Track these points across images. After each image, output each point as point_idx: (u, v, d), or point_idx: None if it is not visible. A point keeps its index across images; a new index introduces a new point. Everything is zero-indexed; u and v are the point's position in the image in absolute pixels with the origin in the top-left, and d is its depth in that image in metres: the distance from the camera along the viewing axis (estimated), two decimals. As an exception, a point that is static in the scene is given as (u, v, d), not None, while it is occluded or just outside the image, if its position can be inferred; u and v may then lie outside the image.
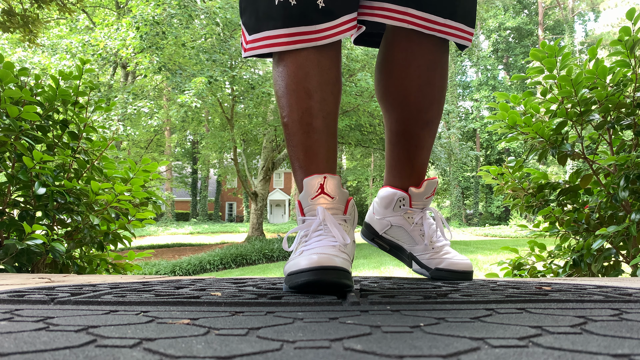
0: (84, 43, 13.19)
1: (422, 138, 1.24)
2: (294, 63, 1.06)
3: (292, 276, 0.84)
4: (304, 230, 0.97)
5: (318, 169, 1.05)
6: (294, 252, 0.96)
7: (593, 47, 1.86)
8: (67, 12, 6.74)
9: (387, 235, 1.32)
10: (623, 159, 1.74)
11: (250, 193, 15.56)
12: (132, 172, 2.07)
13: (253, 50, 1.07)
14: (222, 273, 10.53)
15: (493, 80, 33.39)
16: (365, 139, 16.03)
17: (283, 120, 1.09)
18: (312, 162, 1.06)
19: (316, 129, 1.06)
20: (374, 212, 1.34)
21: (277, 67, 1.09)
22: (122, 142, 16.35)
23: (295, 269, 0.83)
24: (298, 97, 1.06)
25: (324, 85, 1.07)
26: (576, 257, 1.93)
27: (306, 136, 1.06)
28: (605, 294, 0.78)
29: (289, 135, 1.08)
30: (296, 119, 1.06)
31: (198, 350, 0.38)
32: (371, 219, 1.35)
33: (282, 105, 1.08)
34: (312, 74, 1.06)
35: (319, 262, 0.80)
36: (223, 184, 33.06)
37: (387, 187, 1.29)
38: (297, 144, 1.06)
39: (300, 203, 1.01)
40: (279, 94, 1.09)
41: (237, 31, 12.76)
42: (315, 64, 1.06)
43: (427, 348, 0.38)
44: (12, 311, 0.60)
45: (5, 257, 1.63)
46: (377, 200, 1.33)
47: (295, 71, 1.06)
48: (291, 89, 1.06)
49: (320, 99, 1.06)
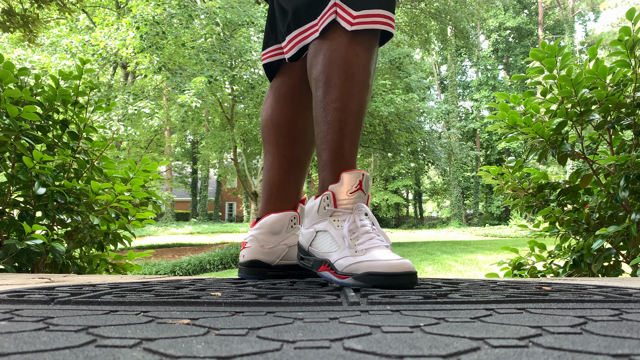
0: (84, 42, 13.19)
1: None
2: (371, 51, 1.08)
3: (374, 277, 0.89)
4: (349, 225, 0.98)
5: (355, 164, 1.08)
6: (341, 247, 0.97)
7: (593, 47, 1.86)
8: (67, 12, 6.74)
9: (285, 261, 1.28)
10: (623, 159, 1.74)
11: (250, 193, 15.56)
12: (132, 172, 2.07)
13: (364, 24, 1.06)
14: (222, 273, 10.53)
15: (493, 80, 33.38)
16: (365, 139, 16.02)
17: (334, 105, 1.06)
18: (353, 156, 1.07)
19: (362, 126, 1.09)
20: (261, 245, 1.27)
21: (361, 56, 1.07)
22: (122, 142, 16.35)
23: (381, 271, 0.89)
24: (361, 89, 1.07)
25: (371, 86, 1.10)
26: (576, 257, 1.93)
27: (357, 130, 1.07)
28: (605, 294, 0.78)
29: (341, 122, 1.05)
30: (353, 110, 1.06)
31: (198, 350, 0.38)
32: (260, 253, 1.27)
33: (345, 91, 1.06)
34: (373, 70, 1.11)
35: (402, 268, 0.89)
36: (223, 184, 33.07)
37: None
38: (348, 134, 1.06)
39: (333, 194, 1.01)
40: (350, 81, 1.06)
41: (237, 31, 12.75)
42: (375, 60, 1.11)
43: (427, 348, 0.38)
44: (12, 311, 0.60)
45: (5, 257, 1.63)
46: (263, 232, 1.28)
47: (368, 61, 1.08)
48: (360, 80, 1.06)
49: (368, 99, 1.10)
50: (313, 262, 1.05)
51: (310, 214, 1.07)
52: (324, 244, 1.02)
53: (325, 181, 1.06)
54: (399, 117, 14.08)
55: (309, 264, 1.07)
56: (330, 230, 1.01)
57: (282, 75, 1.34)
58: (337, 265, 0.97)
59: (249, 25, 12.72)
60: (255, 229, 1.29)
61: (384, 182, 35.23)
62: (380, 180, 34.88)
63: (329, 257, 1.00)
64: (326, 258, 1.00)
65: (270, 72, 1.37)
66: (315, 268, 1.03)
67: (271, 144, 1.32)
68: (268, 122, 1.33)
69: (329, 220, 1.02)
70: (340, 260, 0.96)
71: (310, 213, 1.07)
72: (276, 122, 1.31)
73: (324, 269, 1.01)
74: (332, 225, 1.01)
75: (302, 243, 1.11)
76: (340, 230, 1.00)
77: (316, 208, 1.04)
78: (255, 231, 1.28)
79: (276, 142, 1.32)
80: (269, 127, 1.33)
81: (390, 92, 13.77)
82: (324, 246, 1.02)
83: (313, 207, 1.06)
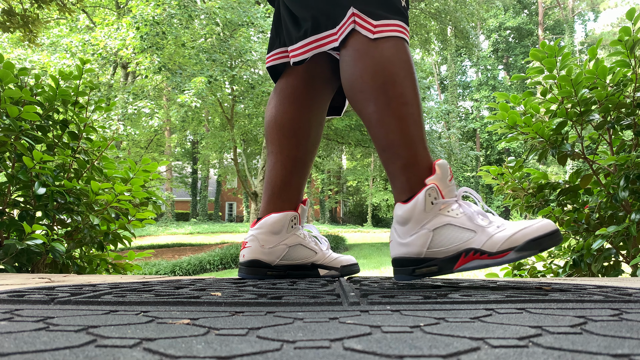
0: (84, 42, 13.20)
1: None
2: (407, 51, 1.12)
3: (538, 240, 0.91)
4: (470, 209, 0.99)
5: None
6: (479, 231, 0.96)
7: (593, 47, 1.86)
8: (67, 12, 6.74)
9: (284, 261, 1.29)
10: (623, 159, 1.74)
11: (250, 193, 15.55)
12: (132, 172, 2.07)
13: (385, 32, 1.10)
14: (222, 273, 10.53)
15: (493, 80, 33.39)
16: (365, 139, 16.04)
17: (405, 100, 1.07)
18: (427, 147, 1.09)
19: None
20: (261, 245, 1.27)
21: (402, 53, 1.10)
22: (122, 142, 16.35)
23: (541, 234, 0.91)
24: (415, 83, 1.10)
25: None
26: (576, 257, 1.93)
27: (423, 121, 1.11)
28: (605, 294, 0.78)
29: (413, 115, 1.07)
30: (418, 103, 1.08)
31: (198, 350, 0.38)
32: (260, 253, 1.28)
33: (407, 85, 1.08)
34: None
35: (552, 226, 0.93)
36: (223, 184, 33.06)
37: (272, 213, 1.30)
38: (421, 126, 1.07)
39: (438, 186, 1.00)
40: (408, 77, 1.09)
41: (237, 31, 12.75)
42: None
43: (427, 348, 0.38)
44: (12, 311, 0.60)
45: (5, 257, 1.63)
46: (264, 232, 1.29)
47: (408, 57, 1.11)
48: (411, 73, 1.09)
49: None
50: (440, 264, 0.97)
51: (413, 217, 1.00)
52: (453, 237, 0.97)
53: (413, 178, 1.02)
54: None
55: (433, 270, 0.98)
56: (451, 221, 0.97)
57: (286, 77, 1.35)
58: (487, 247, 0.93)
59: (249, 25, 12.72)
60: (255, 228, 1.29)
61: (384, 182, 35.23)
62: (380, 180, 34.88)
63: (469, 246, 0.95)
64: (465, 248, 0.95)
65: (275, 74, 1.38)
66: (449, 267, 0.97)
67: (274, 145, 1.33)
68: (272, 123, 1.33)
69: (443, 213, 0.98)
70: (489, 242, 0.93)
71: (413, 216, 1.00)
72: (280, 122, 1.32)
73: (469, 259, 0.95)
74: (450, 216, 0.98)
75: (412, 252, 1.00)
76: (462, 218, 0.97)
77: (421, 207, 0.99)
78: (255, 231, 1.28)
79: (280, 143, 1.32)
80: (272, 128, 1.33)
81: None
82: (454, 238, 0.97)
83: (414, 208, 1.00)
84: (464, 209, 0.98)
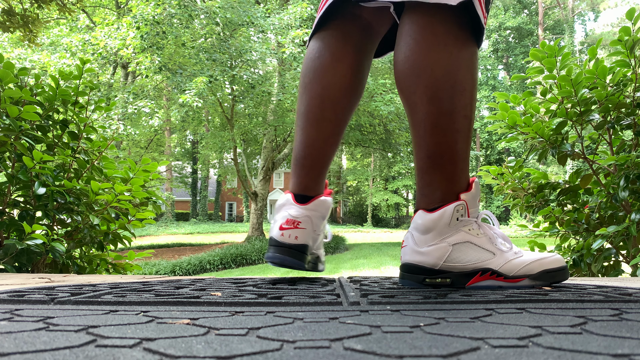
0: (84, 42, 13.19)
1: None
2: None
3: (552, 273, 0.96)
4: (491, 231, 0.99)
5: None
6: (497, 254, 0.96)
7: (593, 47, 1.86)
8: (67, 12, 6.74)
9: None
10: (623, 159, 1.74)
11: (250, 193, 15.56)
12: (132, 172, 2.07)
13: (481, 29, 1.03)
14: (222, 273, 10.53)
15: (493, 80, 33.39)
16: (365, 139, 16.03)
17: (464, 112, 0.98)
18: (469, 164, 1.04)
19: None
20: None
21: (476, 60, 1.02)
22: (122, 142, 16.35)
23: (555, 267, 0.97)
24: (475, 101, 1.04)
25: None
26: (576, 257, 1.93)
27: (470, 140, 1.04)
28: (605, 294, 0.78)
29: (469, 131, 1.00)
30: (473, 120, 1.03)
31: (198, 350, 0.38)
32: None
33: (472, 97, 1.00)
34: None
35: (563, 261, 0.99)
36: (223, 184, 33.07)
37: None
38: (469, 145, 1.01)
39: (467, 204, 0.98)
40: (474, 88, 1.00)
41: (237, 31, 12.76)
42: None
43: (427, 348, 0.38)
44: (12, 311, 0.60)
45: (5, 257, 1.63)
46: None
47: (476, 69, 1.04)
48: (476, 91, 1.02)
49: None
50: (454, 278, 0.97)
51: (436, 228, 0.98)
52: (472, 255, 0.96)
53: (448, 191, 0.98)
54: (399, 116, 14.08)
55: (447, 282, 0.97)
56: (472, 240, 0.97)
57: (351, 24, 1.14)
58: (504, 270, 0.94)
59: (249, 25, 12.72)
60: (309, 209, 1.13)
61: (384, 182, 35.25)
62: (380, 180, 34.90)
63: (487, 266, 0.95)
64: (483, 267, 0.96)
65: (325, 18, 1.15)
66: (462, 282, 0.97)
67: (335, 111, 1.14)
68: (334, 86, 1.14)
69: (465, 231, 0.97)
70: (507, 266, 0.94)
71: (437, 227, 0.97)
72: (342, 84, 1.13)
73: (485, 278, 0.95)
74: (471, 235, 0.97)
75: (428, 262, 0.98)
76: (483, 238, 0.97)
77: (447, 220, 0.97)
78: (310, 212, 1.13)
79: (343, 107, 1.14)
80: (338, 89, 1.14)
81: (390, 92, 13.77)
82: (473, 257, 0.96)
83: (440, 220, 0.97)
84: (484, 230, 0.98)
